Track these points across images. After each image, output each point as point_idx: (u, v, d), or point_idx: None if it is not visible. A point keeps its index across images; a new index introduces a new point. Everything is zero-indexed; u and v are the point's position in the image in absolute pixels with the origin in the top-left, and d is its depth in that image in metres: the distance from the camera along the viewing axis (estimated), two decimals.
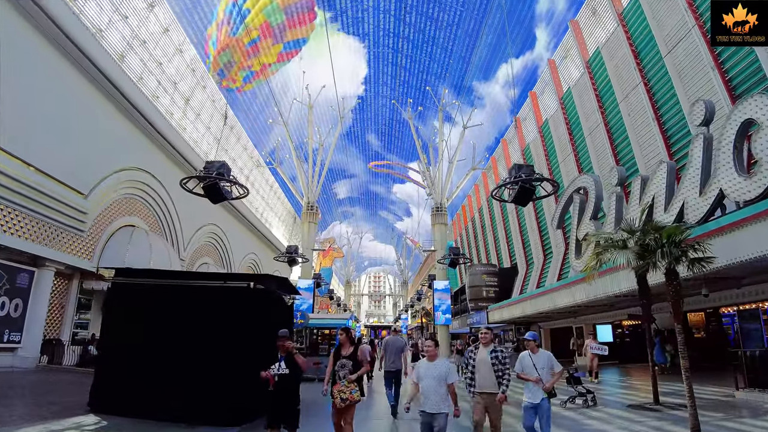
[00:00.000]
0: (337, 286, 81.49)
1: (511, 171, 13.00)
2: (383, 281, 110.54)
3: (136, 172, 18.91)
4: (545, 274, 24.47)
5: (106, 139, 16.99)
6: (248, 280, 8.26)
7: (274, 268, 41.19)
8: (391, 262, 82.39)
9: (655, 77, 15.93)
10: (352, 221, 64.78)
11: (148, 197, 20.24)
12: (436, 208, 37.92)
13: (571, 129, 21.81)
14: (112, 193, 17.63)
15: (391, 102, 41.98)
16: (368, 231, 72.44)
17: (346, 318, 16.64)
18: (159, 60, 22.18)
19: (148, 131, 19.56)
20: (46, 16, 13.50)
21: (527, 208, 27.24)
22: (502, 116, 33.65)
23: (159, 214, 21.04)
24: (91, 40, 15.75)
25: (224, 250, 28.81)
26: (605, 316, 21.08)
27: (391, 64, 37.89)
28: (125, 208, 18.74)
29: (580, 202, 16.37)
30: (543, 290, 19.01)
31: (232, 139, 33.57)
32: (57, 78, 14.49)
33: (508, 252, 31.27)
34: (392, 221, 65.81)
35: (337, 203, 57.44)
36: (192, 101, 26.79)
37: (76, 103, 15.36)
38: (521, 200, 12.92)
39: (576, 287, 15.88)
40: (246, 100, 33.93)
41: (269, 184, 43.42)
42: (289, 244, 29.74)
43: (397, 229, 67.49)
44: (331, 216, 61.60)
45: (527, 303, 20.75)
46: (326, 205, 56.29)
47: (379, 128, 45.35)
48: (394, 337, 9.56)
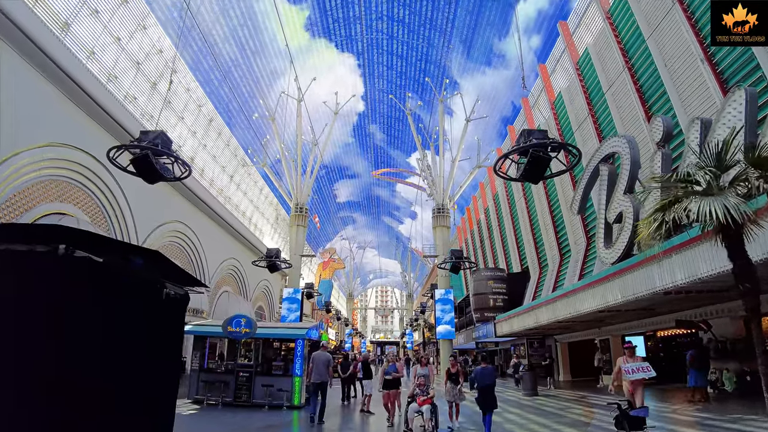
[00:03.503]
0: (340, 300, 77.70)
1: (520, 138, 9.70)
2: (390, 295, 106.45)
3: (65, 149, 15.70)
4: (562, 275, 20.70)
5: (27, 106, 13.84)
6: (60, 241, 4.69)
7: (261, 277, 37.74)
8: (396, 274, 78.52)
9: (699, 10, 12.40)
10: (354, 228, 61.19)
11: (88, 181, 17.00)
12: (438, 209, 34.29)
13: (589, 97, 18.28)
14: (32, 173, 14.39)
15: (389, 97, 38.96)
16: (371, 242, 68.85)
17: (305, 327, 12.98)
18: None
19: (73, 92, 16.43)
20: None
21: (539, 202, 23.58)
22: (508, 104, 30.16)
23: (102, 202, 17.77)
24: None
25: (194, 251, 25.41)
26: (639, 325, 17.20)
27: (386, 53, 34.83)
28: (52, 193, 15.49)
29: (608, 175, 12.79)
30: (561, 293, 15.24)
31: (212, 134, 30.49)
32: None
33: (518, 255, 27.50)
34: (396, 227, 62.09)
35: (337, 207, 53.95)
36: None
37: None
38: (532, 175, 9.41)
39: (607, 285, 12.16)
40: (226, 94, 30.98)
41: (259, 187, 40.23)
42: (270, 247, 26.25)
43: (402, 236, 63.76)
44: (331, 225, 58.22)
45: (542, 310, 16.95)
46: (325, 212, 52.99)
47: (379, 123, 42.09)
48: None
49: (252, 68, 31.75)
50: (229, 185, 34.05)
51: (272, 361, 12.85)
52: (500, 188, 30.42)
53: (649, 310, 13.92)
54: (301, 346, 12.33)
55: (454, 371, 9.78)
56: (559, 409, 12.10)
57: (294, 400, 11.94)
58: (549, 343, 23.84)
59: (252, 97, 33.18)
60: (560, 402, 13.81)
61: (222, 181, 32.86)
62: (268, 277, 39.44)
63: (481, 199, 36.20)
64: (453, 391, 9.61)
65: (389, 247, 69.64)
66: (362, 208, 56.98)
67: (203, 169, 29.45)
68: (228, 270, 31.28)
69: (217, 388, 12.08)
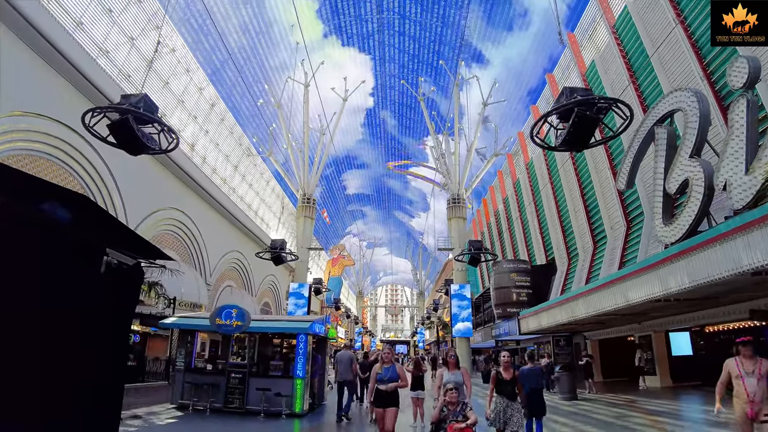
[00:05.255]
0: (350, 299, 75.95)
1: (560, 97, 7.77)
2: (400, 294, 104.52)
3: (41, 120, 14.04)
4: (597, 264, 18.60)
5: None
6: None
7: (267, 272, 36.03)
8: (407, 271, 76.52)
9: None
10: (364, 223, 59.24)
11: (68, 158, 15.35)
12: (453, 199, 32.24)
13: (629, 62, 16.18)
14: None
15: (401, 83, 36.95)
16: (381, 239, 66.94)
17: (308, 321, 11.03)
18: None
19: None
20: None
21: (568, 186, 21.51)
22: (531, 82, 27.99)
23: (86, 181, 16.10)
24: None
25: (193, 242, 23.70)
26: (686, 319, 15.09)
27: (398, 34, 32.85)
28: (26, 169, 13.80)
29: (667, 138, 10.70)
30: (605, 281, 13.17)
31: (214, 118, 28.77)
32: None
33: (543, 246, 25.38)
34: (407, 221, 59.97)
35: (346, 201, 52.01)
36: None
37: None
38: (577, 140, 7.67)
39: (668, 268, 10.12)
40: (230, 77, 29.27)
41: (266, 179, 38.48)
42: (275, 238, 24.44)
43: (414, 231, 61.70)
44: (340, 221, 56.37)
45: (578, 302, 14.87)
46: (334, 207, 51.15)
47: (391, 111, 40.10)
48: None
49: (256, 50, 30.02)
50: (233, 175, 32.32)
51: (270, 360, 10.96)
52: (522, 174, 28.30)
53: (712, 299, 11.85)
54: (304, 342, 10.42)
55: (508, 378, 6.12)
56: (614, 417, 10.07)
57: (295, 407, 9.97)
58: (577, 341, 21.75)
59: (257, 81, 31.45)
60: (609, 408, 11.77)
61: (226, 170, 31.13)
62: (275, 272, 37.72)
63: (499, 188, 34.08)
64: (507, 412, 5.97)
65: (400, 243, 67.63)
66: (372, 202, 55.05)
67: (205, 157, 27.75)
68: (231, 263, 29.57)
69: (205, 392, 10.24)
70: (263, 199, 38.60)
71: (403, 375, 6.08)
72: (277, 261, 23.63)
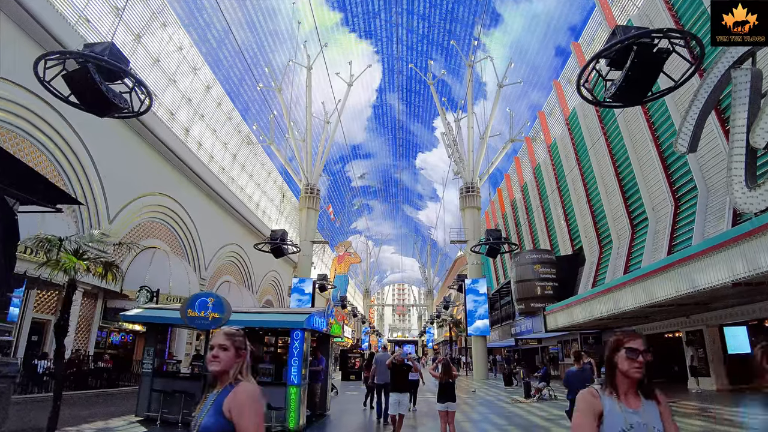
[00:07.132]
0: (356, 297, 73.87)
1: (612, 37, 6.35)
2: (407, 293, 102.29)
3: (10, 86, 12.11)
4: (637, 251, 16.34)
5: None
6: None
7: (269, 267, 34.05)
8: (415, 270, 74.31)
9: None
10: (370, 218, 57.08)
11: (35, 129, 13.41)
12: (467, 188, 30.12)
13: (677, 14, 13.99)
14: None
15: (409, 66, 34.84)
16: (388, 236, 64.83)
17: (304, 313, 8.84)
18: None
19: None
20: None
21: (599, 165, 19.23)
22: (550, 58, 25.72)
23: (56, 157, 14.15)
24: None
25: (185, 231, 21.71)
26: (743, 312, 12.92)
27: (406, 12, 30.73)
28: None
29: (751, 80, 8.54)
30: (662, 264, 10.99)
31: (211, 103, 26.80)
32: None
33: (569, 234, 23.13)
34: (415, 215, 57.72)
35: (352, 193, 49.87)
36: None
37: None
38: (636, 89, 6.23)
39: (753, 244, 8.05)
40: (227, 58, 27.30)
41: (267, 170, 36.49)
42: (275, 228, 22.43)
43: (422, 226, 59.47)
44: (346, 216, 54.32)
45: (624, 292, 12.71)
46: (340, 201, 49.11)
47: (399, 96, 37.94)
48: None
49: (255, 29, 28.05)
50: (232, 165, 30.35)
51: (258, 362, 8.90)
52: (543, 157, 26.04)
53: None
54: (300, 339, 8.29)
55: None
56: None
57: (289, 422, 7.79)
58: (607, 339, 19.49)
59: (256, 65, 29.48)
60: (683, 419, 9.54)
61: (224, 159, 29.15)
62: (278, 267, 35.76)
63: (516, 175, 31.84)
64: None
65: (407, 240, 65.43)
66: (379, 195, 52.93)
67: (201, 143, 25.79)
68: (229, 257, 27.58)
69: (177, 402, 8.18)
70: (264, 191, 36.62)
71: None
72: (278, 253, 21.66)
